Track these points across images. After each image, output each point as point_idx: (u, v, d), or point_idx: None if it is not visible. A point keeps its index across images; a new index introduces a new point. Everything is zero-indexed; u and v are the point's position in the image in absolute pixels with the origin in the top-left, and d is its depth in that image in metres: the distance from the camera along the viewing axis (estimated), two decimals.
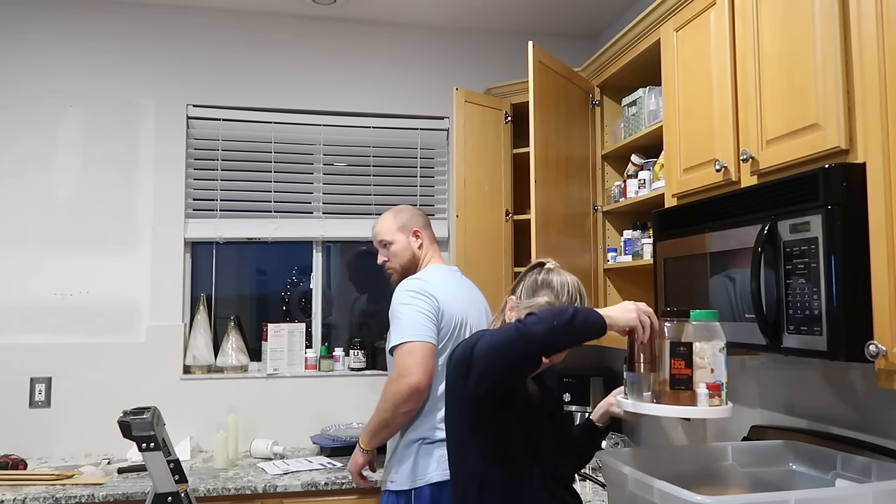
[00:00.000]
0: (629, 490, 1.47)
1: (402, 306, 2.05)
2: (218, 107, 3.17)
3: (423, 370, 1.97)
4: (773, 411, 2.17)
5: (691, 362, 1.43)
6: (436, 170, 3.39)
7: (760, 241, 1.56)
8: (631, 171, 2.56)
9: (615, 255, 2.68)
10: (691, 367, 1.43)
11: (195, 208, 3.15)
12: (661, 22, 2.21)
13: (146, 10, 3.12)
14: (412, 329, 2.01)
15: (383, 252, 2.31)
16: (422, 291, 2.07)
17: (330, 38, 3.29)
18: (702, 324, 1.46)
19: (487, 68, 3.37)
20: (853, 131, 1.42)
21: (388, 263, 2.31)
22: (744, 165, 1.74)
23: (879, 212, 1.33)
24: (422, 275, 2.17)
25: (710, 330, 1.46)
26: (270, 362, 3.12)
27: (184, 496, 2.01)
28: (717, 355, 1.44)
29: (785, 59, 1.60)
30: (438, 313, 2.06)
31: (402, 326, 2.02)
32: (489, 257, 2.98)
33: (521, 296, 1.61)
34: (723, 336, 1.46)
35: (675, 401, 1.43)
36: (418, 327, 2.01)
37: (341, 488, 2.52)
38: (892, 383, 1.32)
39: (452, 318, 2.10)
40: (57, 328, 2.94)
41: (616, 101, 2.79)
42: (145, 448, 1.94)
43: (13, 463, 2.60)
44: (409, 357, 1.98)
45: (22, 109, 2.98)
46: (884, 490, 1.34)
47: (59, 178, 3.00)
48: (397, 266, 2.29)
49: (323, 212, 3.26)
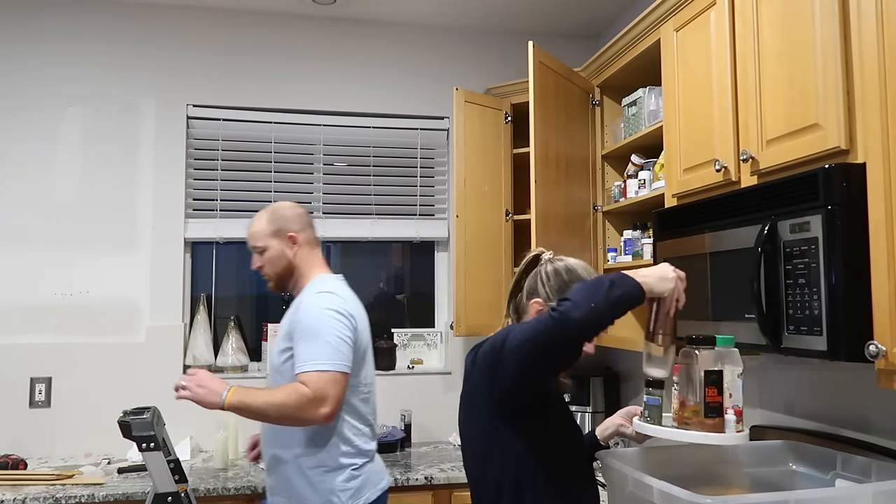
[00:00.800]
0: (629, 490, 1.47)
1: (327, 327, 1.90)
2: (218, 107, 3.17)
3: (337, 405, 1.87)
4: (773, 411, 2.17)
5: (722, 389, 1.44)
6: (436, 170, 3.39)
7: (760, 241, 1.56)
8: (631, 171, 2.56)
9: (615, 255, 2.68)
10: (722, 395, 1.44)
11: (195, 208, 3.15)
12: (661, 22, 2.21)
13: (146, 10, 3.12)
14: (339, 356, 1.89)
15: (258, 258, 2.11)
16: (344, 313, 1.95)
17: (330, 38, 3.29)
18: (726, 350, 1.47)
19: (487, 68, 3.37)
20: (853, 131, 1.42)
21: (263, 270, 2.11)
22: (744, 165, 1.74)
23: (879, 212, 1.33)
24: (333, 288, 2.01)
25: (732, 356, 1.47)
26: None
27: (184, 496, 2.01)
28: (737, 381, 1.45)
29: (785, 58, 1.60)
30: (356, 337, 1.97)
31: (329, 351, 1.88)
32: (489, 257, 2.98)
33: (551, 295, 1.50)
34: (741, 362, 1.47)
35: (703, 427, 1.42)
36: (343, 356, 1.90)
37: None
38: (892, 383, 1.32)
39: (362, 343, 2.02)
40: (57, 328, 2.94)
41: (616, 101, 2.79)
42: (145, 448, 1.94)
43: (13, 463, 2.60)
44: (332, 387, 1.85)
45: (22, 111, 2.98)
46: (884, 490, 1.34)
47: (59, 179, 3.00)
48: (272, 273, 2.10)
49: (323, 212, 3.26)
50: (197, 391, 1.82)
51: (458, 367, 3.28)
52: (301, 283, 2.08)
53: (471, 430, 1.52)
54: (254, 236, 2.11)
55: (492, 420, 1.46)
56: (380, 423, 3.14)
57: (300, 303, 2.00)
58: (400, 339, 3.34)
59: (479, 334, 2.96)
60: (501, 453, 1.45)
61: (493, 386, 1.42)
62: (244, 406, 1.82)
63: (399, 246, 3.46)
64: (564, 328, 1.25)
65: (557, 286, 1.50)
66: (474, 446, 1.51)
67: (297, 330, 1.93)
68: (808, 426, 2.02)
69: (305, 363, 1.87)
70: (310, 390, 1.82)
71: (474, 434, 1.51)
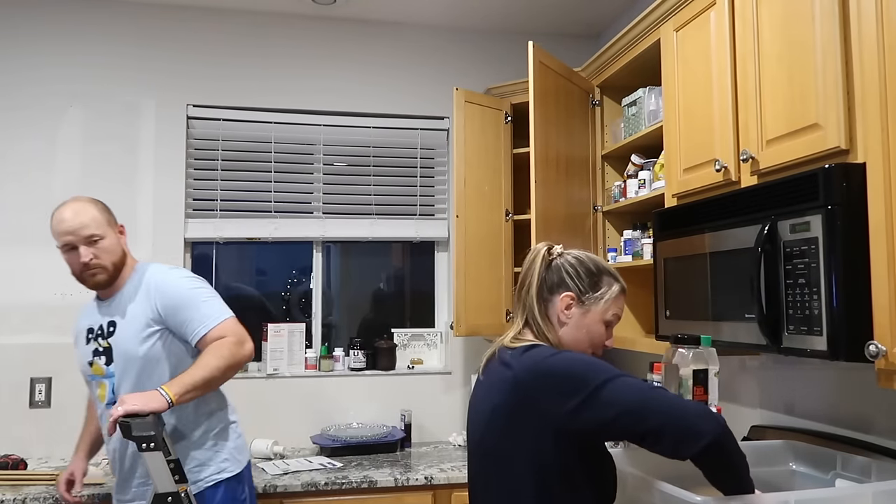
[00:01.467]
0: (629, 490, 1.47)
1: (199, 289, 2.06)
2: (218, 107, 3.17)
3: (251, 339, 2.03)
4: (773, 411, 2.17)
5: (707, 388, 1.47)
6: (436, 170, 3.39)
7: (760, 241, 1.56)
8: (631, 171, 2.56)
9: (615, 255, 2.68)
10: (707, 394, 1.47)
11: (195, 208, 3.15)
12: (661, 22, 2.21)
13: (146, 10, 3.12)
14: (224, 306, 2.06)
15: (90, 249, 1.99)
16: (197, 276, 2.12)
17: (330, 38, 3.29)
18: (707, 350, 1.51)
19: (487, 68, 3.37)
20: (853, 131, 1.42)
21: (96, 261, 2.00)
22: (744, 165, 1.74)
23: (879, 212, 1.33)
24: (164, 265, 2.15)
25: (711, 355, 1.51)
26: (270, 362, 3.12)
27: (184, 496, 2.01)
28: (713, 379, 1.50)
29: (785, 59, 1.60)
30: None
31: (217, 304, 2.04)
32: (489, 257, 2.98)
33: (582, 288, 1.46)
34: (717, 361, 1.52)
35: None
36: (225, 305, 2.06)
37: (341, 488, 2.52)
38: (892, 383, 1.32)
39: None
40: (57, 328, 2.94)
41: (616, 101, 2.79)
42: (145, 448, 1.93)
43: (13, 463, 2.60)
44: (240, 327, 2.01)
45: (22, 111, 2.98)
46: (884, 490, 1.34)
47: (59, 179, 3.00)
48: (110, 264, 2.03)
49: (323, 212, 3.27)
50: (134, 404, 1.78)
51: (457, 367, 3.28)
52: (125, 274, 2.10)
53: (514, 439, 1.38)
54: (88, 225, 2.00)
55: (554, 439, 1.34)
56: (380, 423, 3.15)
57: (151, 286, 2.04)
58: (400, 339, 3.34)
59: (479, 334, 2.96)
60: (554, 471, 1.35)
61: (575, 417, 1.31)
62: (190, 387, 1.87)
63: (399, 246, 3.47)
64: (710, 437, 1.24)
65: (588, 280, 1.48)
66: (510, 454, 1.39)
67: (172, 306, 2.00)
68: (808, 426, 2.02)
69: (209, 320, 1.98)
70: (231, 336, 1.96)
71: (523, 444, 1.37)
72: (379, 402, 3.19)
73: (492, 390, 1.45)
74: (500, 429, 1.41)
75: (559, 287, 1.48)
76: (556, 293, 1.48)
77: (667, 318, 2.00)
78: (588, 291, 1.47)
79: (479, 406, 1.49)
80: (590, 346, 1.49)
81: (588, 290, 1.47)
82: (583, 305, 1.47)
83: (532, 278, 1.50)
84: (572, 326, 1.47)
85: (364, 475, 2.57)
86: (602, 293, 1.48)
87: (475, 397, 1.54)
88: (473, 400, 1.55)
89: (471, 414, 1.55)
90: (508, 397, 1.38)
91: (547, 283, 1.49)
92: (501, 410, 1.40)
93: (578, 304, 1.47)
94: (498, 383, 1.43)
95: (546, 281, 1.49)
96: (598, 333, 1.49)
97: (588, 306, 1.47)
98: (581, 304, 1.47)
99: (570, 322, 1.47)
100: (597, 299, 1.47)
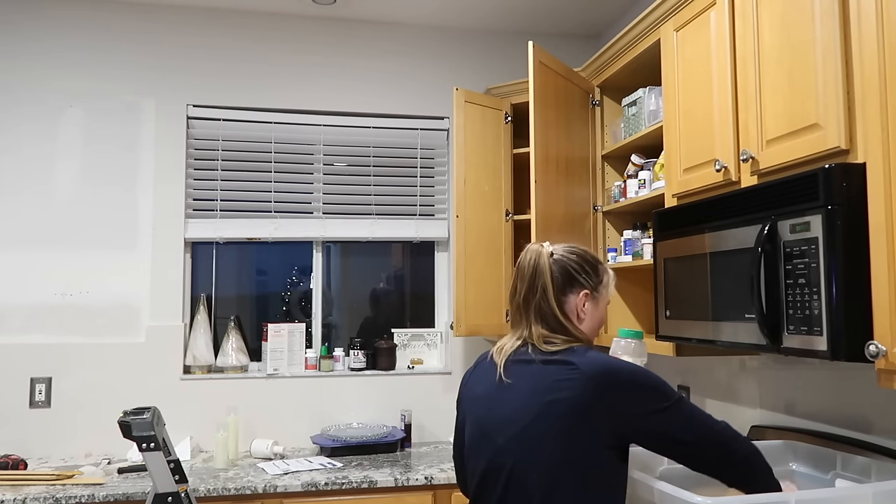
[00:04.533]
0: (629, 490, 1.47)
1: None
2: (218, 107, 3.17)
3: None
4: (773, 411, 2.17)
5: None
6: (436, 170, 3.39)
7: (760, 241, 1.56)
8: (631, 171, 2.56)
9: (615, 255, 2.68)
10: None
11: (195, 208, 3.15)
12: (661, 22, 2.21)
13: (146, 9, 3.12)
14: None
15: None
16: None
17: (330, 38, 3.29)
18: (640, 342, 1.69)
19: (487, 68, 3.37)
20: (853, 131, 1.42)
21: None
22: (744, 165, 1.74)
23: (879, 212, 1.33)
24: None
25: (642, 348, 1.69)
26: (270, 362, 3.12)
27: (184, 496, 2.01)
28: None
29: (785, 59, 1.60)
30: None
31: None
32: (489, 257, 2.98)
33: (595, 282, 1.54)
34: (646, 354, 1.70)
35: None
36: None
37: (341, 488, 2.52)
38: (892, 383, 1.32)
39: None
40: (57, 328, 2.95)
41: (616, 101, 2.79)
42: (145, 448, 1.94)
43: (13, 463, 2.60)
44: None
45: (22, 111, 2.98)
46: (884, 490, 1.34)
47: (59, 178, 3.00)
48: None
49: (323, 212, 3.27)
50: None
51: (457, 368, 3.28)
52: None
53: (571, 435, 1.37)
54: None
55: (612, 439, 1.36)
56: (380, 423, 3.15)
57: None
58: (400, 340, 3.34)
59: (479, 334, 2.96)
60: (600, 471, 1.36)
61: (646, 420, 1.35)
62: None
63: (399, 246, 3.46)
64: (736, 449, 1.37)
65: (594, 273, 1.54)
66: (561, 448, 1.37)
67: None
68: (808, 426, 2.02)
69: None
70: None
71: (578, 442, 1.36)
72: (379, 402, 3.20)
73: (543, 387, 1.40)
74: (557, 424, 1.36)
75: (572, 286, 1.51)
76: (571, 292, 1.51)
77: (667, 318, 2.00)
78: (598, 284, 1.55)
79: (519, 402, 1.43)
80: (597, 332, 1.58)
81: (597, 283, 1.55)
82: (594, 298, 1.54)
83: (544, 281, 1.49)
84: (588, 319, 1.53)
85: (364, 475, 2.57)
86: (605, 282, 1.57)
87: (502, 394, 1.47)
88: (500, 396, 1.47)
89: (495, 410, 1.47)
90: (579, 393, 1.36)
91: (559, 283, 1.50)
92: (568, 405, 1.36)
93: (591, 299, 1.54)
94: (555, 381, 1.39)
95: (558, 282, 1.50)
96: (602, 318, 1.58)
97: (597, 298, 1.55)
98: (593, 298, 1.54)
99: (587, 316, 1.53)
100: (603, 289, 1.56)
